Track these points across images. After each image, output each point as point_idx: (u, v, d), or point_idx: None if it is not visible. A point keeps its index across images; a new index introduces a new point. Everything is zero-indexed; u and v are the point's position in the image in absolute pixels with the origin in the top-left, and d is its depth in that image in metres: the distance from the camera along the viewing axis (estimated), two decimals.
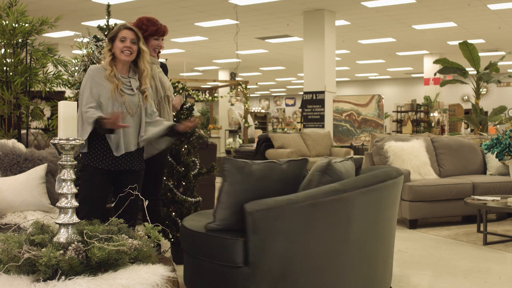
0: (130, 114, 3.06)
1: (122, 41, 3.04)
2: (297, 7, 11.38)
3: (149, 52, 3.47)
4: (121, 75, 3.09)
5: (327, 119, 11.80)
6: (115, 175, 3.13)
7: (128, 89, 3.08)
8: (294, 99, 33.34)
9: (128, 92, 3.08)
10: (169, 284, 2.06)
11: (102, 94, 3.01)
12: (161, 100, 3.49)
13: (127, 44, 3.04)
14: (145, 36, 3.42)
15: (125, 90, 3.07)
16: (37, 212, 3.34)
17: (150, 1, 10.93)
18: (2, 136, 4.35)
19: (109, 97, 3.01)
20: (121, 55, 3.04)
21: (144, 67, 3.12)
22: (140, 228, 2.38)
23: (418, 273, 3.99)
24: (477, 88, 10.81)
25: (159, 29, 3.46)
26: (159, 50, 3.57)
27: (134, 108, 3.08)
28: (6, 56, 4.37)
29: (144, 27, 3.43)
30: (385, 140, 6.10)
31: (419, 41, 15.68)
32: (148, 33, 3.43)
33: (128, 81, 3.10)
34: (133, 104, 3.08)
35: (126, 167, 3.11)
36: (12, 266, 1.97)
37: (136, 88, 3.12)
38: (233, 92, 19.04)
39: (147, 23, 3.45)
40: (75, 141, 2.22)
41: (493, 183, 5.92)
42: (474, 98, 10.99)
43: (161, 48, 3.58)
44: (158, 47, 3.52)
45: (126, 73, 3.13)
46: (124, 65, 3.10)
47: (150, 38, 3.45)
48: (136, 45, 3.08)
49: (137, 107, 3.10)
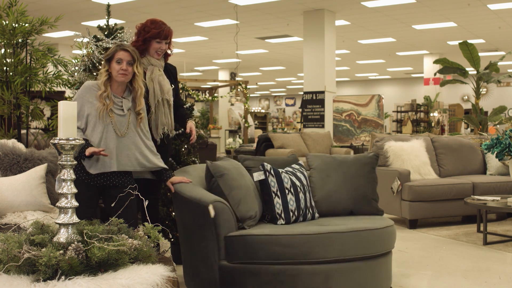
0: (117, 135, 3.03)
1: (119, 63, 3.02)
2: (297, 7, 11.38)
3: (151, 54, 3.47)
4: (114, 94, 3.07)
5: (327, 119, 11.80)
6: (101, 190, 3.09)
7: (118, 109, 3.06)
8: (294, 99, 33.34)
9: (117, 112, 3.05)
10: (169, 284, 2.06)
11: (91, 112, 3.01)
12: (159, 104, 3.45)
13: (124, 66, 3.02)
14: (146, 38, 3.41)
15: (115, 110, 3.04)
16: (37, 212, 3.34)
17: (150, 1, 10.93)
18: (2, 136, 4.35)
19: (96, 115, 2.99)
20: (118, 77, 3.03)
21: (138, 86, 3.10)
22: (140, 228, 2.38)
23: (418, 273, 3.99)
24: (477, 88, 10.81)
25: (161, 32, 3.42)
26: (162, 53, 3.51)
27: (122, 129, 3.05)
28: (6, 56, 4.37)
29: (147, 29, 3.42)
30: (385, 140, 6.10)
31: (419, 41, 15.68)
32: (149, 35, 3.41)
33: (120, 101, 3.08)
34: (121, 125, 3.05)
35: (109, 184, 3.06)
36: (12, 266, 1.97)
37: (128, 109, 3.09)
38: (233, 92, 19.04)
39: (150, 25, 3.43)
40: (75, 141, 2.22)
41: (493, 183, 5.92)
42: (474, 98, 10.99)
43: (163, 52, 3.51)
44: (160, 50, 3.47)
45: (121, 93, 3.11)
46: (120, 85, 3.09)
47: (152, 40, 3.42)
48: (132, 66, 3.05)
49: (125, 127, 3.06)
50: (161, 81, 3.46)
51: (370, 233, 3.12)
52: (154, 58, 3.46)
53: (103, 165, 3.00)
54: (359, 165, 3.74)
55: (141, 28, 3.46)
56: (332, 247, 2.96)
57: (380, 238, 3.19)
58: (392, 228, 3.32)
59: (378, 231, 3.18)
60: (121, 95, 3.10)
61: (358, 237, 3.06)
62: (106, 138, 3.00)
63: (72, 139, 2.21)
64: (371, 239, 3.12)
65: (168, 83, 3.54)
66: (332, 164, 3.76)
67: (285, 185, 3.34)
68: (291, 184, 3.36)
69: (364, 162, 3.76)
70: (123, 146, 3.05)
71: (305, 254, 2.91)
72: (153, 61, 3.47)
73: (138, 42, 3.45)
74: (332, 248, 2.96)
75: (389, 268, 3.37)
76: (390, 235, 3.29)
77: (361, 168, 3.73)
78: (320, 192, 3.63)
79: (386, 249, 3.26)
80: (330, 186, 3.65)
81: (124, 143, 3.05)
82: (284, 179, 3.36)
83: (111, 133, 3.02)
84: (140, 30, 3.46)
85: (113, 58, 3.04)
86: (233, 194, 3.17)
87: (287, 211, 3.29)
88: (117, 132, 3.03)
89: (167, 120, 3.51)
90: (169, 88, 3.53)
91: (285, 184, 3.34)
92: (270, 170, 3.36)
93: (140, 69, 3.13)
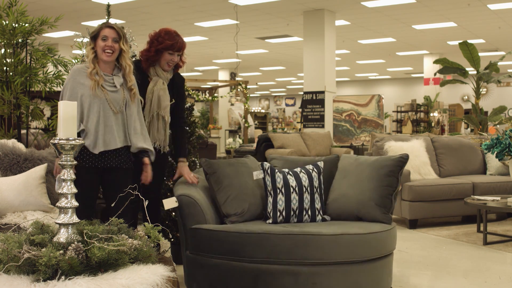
0: (113, 112, 3.05)
1: (104, 40, 3.02)
2: (297, 7, 11.38)
3: (162, 65, 3.41)
4: (104, 73, 3.07)
5: (327, 119, 11.80)
6: (101, 173, 3.11)
7: (110, 86, 3.07)
8: (294, 99, 33.34)
9: (110, 89, 3.06)
10: (169, 284, 2.06)
11: (84, 93, 3.02)
12: (153, 118, 3.42)
13: (109, 43, 3.02)
14: (159, 49, 3.37)
15: (107, 87, 3.05)
16: (37, 212, 3.34)
17: (150, 1, 10.92)
18: (2, 136, 4.35)
19: (90, 95, 3.00)
20: (102, 55, 3.03)
21: (126, 64, 3.10)
22: (140, 228, 2.38)
23: (418, 273, 3.99)
24: (477, 88, 10.81)
25: (174, 44, 3.37)
26: (173, 64, 3.45)
27: (118, 105, 3.07)
28: (6, 56, 4.37)
29: (160, 40, 3.37)
30: (385, 140, 6.10)
31: (419, 41, 15.68)
32: (162, 46, 3.36)
33: (111, 78, 3.08)
34: (115, 102, 3.06)
35: (112, 164, 3.09)
36: (12, 266, 1.97)
37: (120, 85, 3.09)
38: (233, 92, 19.03)
39: (164, 36, 3.38)
40: (75, 141, 2.22)
41: (493, 183, 5.92)
42: (474, 98, 10.99)
43: (174, 63, 3.44)
44: (172, 62, 3.41)
45: (110, 71, 3.11)
46: (107, 63, 3.08)
47: (164, 51, 3.37)
48: (118, 43, 3.05)
49: (121, 104, 3.08)
50: (161, 95, 3.40)
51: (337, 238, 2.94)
52: (164, 69, 3.42)
53: (107, 143, 3.03)
54: (374, 168, 3.45)
55: (154, 37, 3.41)
56: (264, 248, 2.92)
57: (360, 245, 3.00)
58: (380, 234, 3.10)
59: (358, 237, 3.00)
60: (110, 73, 3.10)
61: (317, 241, 2.91)
62: (104, 116, 3.02)
63: (72, 139, 2.21)
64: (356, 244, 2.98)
65: (167, 99, 3.46)
66: (352, 165, 3.59)
67: (277, 185, 3.35)
68: (283, 184, 3.36)
69: (382, 165, 3.43)
70: (120, 122, 3.08)
71: (239, 251, 2.97)
72: (159, 72, 3.41)
73: (151, 52, 3.40)
74: (263, 249, 2.92)
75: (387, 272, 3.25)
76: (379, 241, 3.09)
77: (375, 170, 3.43)
78: (332, 194, 3.54)
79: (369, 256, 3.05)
80: (342, 188, 3.50)
81: (119, 119, 3.08)
82: (277, 179, 3.37)
83: (107, 110, 3.03)
84: (153, 40, 3.41)
85: (98, 36, 3.04)
86: (222, 191, 3.32)
87: (275, 211, 3.33)
88: (113, 109, 3.05)
89: (160, 136, 3.46)
90: (166, 105, 3.46)
91: (277, 184, 3.36)
92: (267, 170, 3.39)
93: (127, 46, 3.11)
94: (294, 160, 3.78)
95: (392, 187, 3.36)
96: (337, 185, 3.56)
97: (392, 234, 3.25)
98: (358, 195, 3.41)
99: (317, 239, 2.91)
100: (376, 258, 3.09)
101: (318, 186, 3.46)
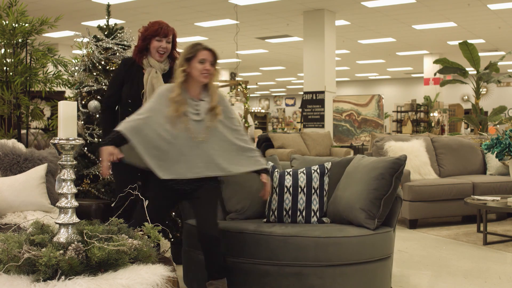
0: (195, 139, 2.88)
1: (202, 63, 2.89)
2: (297, 7, 11.38)
3: (152, 54, 3.41)
4: (191, 97, 2.93)
5: (327, 119, 11.80)
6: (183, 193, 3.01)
7: (194, 114, 2.90)
8: (294, 99, 33.34)
9: (193, 118, 2.89)
10: (169, 284, 2.06)
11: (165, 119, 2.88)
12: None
13: (207, 66, 2.90)
14: (146, 36, 3.38)
15: (191, 116, 2.89)
16: (37, 212, 3.34)
17: (150, 1, 10.93)
18: (2, 136, 4.35)
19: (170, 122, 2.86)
20: (200, 77, 2.90)
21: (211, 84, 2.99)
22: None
23: (418, 273, 3.99)
24: (477, 88, 10.82)
25: (159, 29, 3.36)
26: (165, 52, 3.41)
27: (200, 135, 2.89)
28: (6, 56, 4.37)
29: (146, 27, 3.39)
30: (385, 140, 6.10)
31: (419, 41, 15.68)
32: (148, 33, 3.36)
33: (197, 104, 2.92)
34: (197, 131, 2.89)
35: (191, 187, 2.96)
36: (12, 266, 1.97)
37: (205, 113, 2.93)
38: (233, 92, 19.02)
39: (150, 23, 3.40)
40: (75, 141, 2.22)
41: (493, 183, 5.92)
42: (474, 98, 11.00)
43: (165, 51, 3.40)
44: (162, 50, 3.39)
45: (198, 95, 2.95)
46: (198, 86, 2.95)
47: (152, 39, 3.37)
48: (213, 67, 2.94)
49: (203, 133, 2.90)
50: (154, 83, 3.36)
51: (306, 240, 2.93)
52: (155, 58, 3.42)
53: (176, 171, 2.86)
54: (366, 170, 3.24)
55: (143, 29, 3.45)
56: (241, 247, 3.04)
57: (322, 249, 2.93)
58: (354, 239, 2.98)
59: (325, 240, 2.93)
60: (198, 97, 2.95)
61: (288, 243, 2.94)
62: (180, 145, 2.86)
63: (72, 139, 2.21)
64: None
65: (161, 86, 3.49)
66: (353, 166, 3.45)
67: (273, 185, 3.38)
68: (278, 184, 3.37)
69: (374, 167, 3.19)
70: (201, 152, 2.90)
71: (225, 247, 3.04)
72: (152, 62, 3.41)
73: (139, 41, 3.42)
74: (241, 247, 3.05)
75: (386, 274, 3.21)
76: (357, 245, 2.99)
77: (366, 173, 3.21)
78: (332, 196, 3.42)
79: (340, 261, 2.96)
80: (338, 191, 3.38)
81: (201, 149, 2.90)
82: (274, 179, 3.38)
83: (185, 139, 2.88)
84: (142, 32, 3.44)
85: (194, 57, 2.90)
86: (228, 189, 3.45)
87: (269, 210, 3.38)
88: (193, 137, 2.88)
89: None
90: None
91: (273, 184, 3.38)
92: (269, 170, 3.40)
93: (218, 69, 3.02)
94: (315, 160, 3.69)
95: (380, 191, 3.11)
96: (340, 186, 3.44)
97: (375, 240, 3.08)
98: (347, 198, 3.24)
99: (266, 238, 3.00)
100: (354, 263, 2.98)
101: (318, 187, 3.36)
